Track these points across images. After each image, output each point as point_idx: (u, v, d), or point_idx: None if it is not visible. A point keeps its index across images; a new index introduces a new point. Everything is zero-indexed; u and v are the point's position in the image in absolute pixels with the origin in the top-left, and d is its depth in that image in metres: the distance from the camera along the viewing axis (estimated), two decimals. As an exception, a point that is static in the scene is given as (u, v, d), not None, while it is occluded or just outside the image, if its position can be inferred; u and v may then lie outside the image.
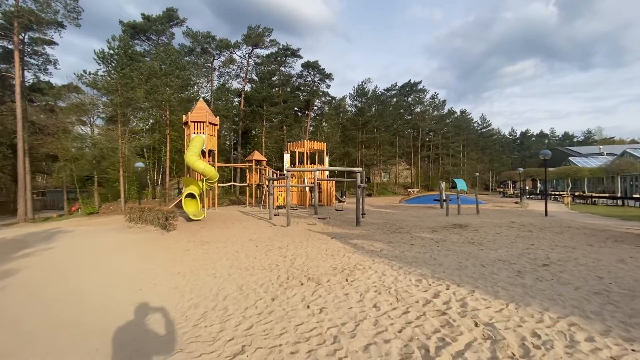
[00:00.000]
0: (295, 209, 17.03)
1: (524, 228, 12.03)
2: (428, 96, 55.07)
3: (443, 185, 22.75)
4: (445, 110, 57.73)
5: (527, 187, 43.88)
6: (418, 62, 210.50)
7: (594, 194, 26.36)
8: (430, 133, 58.17)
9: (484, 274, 5.95)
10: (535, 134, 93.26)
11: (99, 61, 21.18)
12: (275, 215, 15.54)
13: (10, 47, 22.12)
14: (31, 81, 26.25)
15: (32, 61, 26.18)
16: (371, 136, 43.27)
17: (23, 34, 24.35)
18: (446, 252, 7.87)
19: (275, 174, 20.46)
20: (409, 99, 55.15)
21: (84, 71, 20.52)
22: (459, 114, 62.34)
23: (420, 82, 54.43)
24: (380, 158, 45.51)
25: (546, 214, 16.51)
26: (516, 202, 24.71)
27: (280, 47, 41.32)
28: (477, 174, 29.44)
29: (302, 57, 42.98)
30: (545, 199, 17.10)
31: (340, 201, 25.96)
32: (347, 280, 5.53)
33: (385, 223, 13.74)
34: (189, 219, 15.51)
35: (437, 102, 55.86)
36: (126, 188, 25.06)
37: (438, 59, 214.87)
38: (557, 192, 31.85)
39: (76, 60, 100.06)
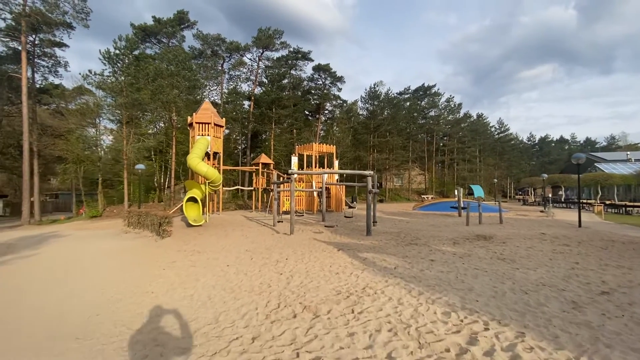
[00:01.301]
0: (302, 215, 15.92)
1: (559, 241, 10.51)
2: (443, 99, 53.41)
3: (461, 191, 21.23)
4: (461, 114, 55.79)
5: (549, 195, 41.55)
6: (432, 67, 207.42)
7: (627, 203, 24.24)
8: (445, 137, 56.30)
9: (530, 304, 4.64)
10: (555, 139, 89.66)
11: (104, 61, 20.77)
12: (279, 222, 14.43)
13: (19, 48, 21.93)
14: (42, 83, 26.15)
15: (42, 63, 26.16)
16: (383, 140, 41.92)
17: (33, 36, 24.35)
18: (474, 271, 6.55)
19: (281, 178, 19.46)
20: (423, 102, 53.57)
21: (89, 71, 20.14)
22: (475, 117, 60.20)
23: (434, 86, 52.91)
24: (393, 163, 44.05)
25: (579, 225, 14.83)
26: (541, 211, 22.89)
27: (291, 50, 40.69)
28: (496, 180, 27.68)
29: (313, 60, 42.21)
30: (578, 208, 15.43)
31: (350, 207, 24.68)
32: (352, 312, 4.32)
33: (399, 233, 12.43)
34: (190, 224, 14.59)
35: (452, 106, 54.09)
36: (131, 191, 24.54)
37: (452, 64, 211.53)
38: (585, 201, 29.68)
39: (96, 66, 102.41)
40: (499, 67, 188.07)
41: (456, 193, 28.29)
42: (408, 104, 49.85)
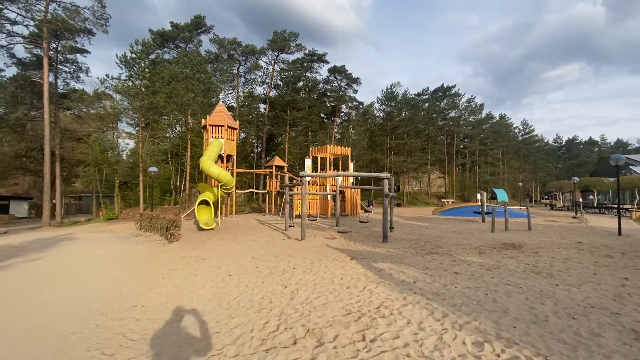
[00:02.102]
0: (315, 219, 15.30)
1: (599, 252, 9.39)
2: (463, 100, 51.54)
3: (484, 195, 20.02)
4: (483, 115, 53.70)
5: (580, 199, 39.14)
6: (451, 69, 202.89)
7: (670, 209, 22.19)
8: (466, 139, 54.34)
9: (580, 334, 3.81)
10: (583, 141, 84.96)
11: (121, 65, 21.04)
12: (290, 226, 13.88)
13: (42, 54, 22.56)
14: (64, 89, 26.87)
15: (64, 69, 26.93)
16: (401, 142, 40.76)
17: (56, 43, 25.10)
18: (506, 287, 5.72)
19: (294, 181, 18.96)
20: (442, 103, 51.94)
21: (107, 75, 20.42)
22: (497, 118, 57.85)
23: (454, 86, 51.19)
24: (411, 165, 42.70)
25: (619, 233, 13.44)
26: (573, 217, 21.27)
27: (307, 52, 40.40)
28: (521, 183, 26.07)
29: (328, 62, 41.72)
30: (618, 214, 14.02)
31: (366, 211, 23.86)
32: (364, 339, 3.64)
33: (418, 240, 11.57)
34: (201, 228, 14.27)
35: (473, 107, 52.13)
36: (147, 194, 24.69)
37: (473, 64, 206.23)
38: (621, 206, 27.50)
39: (118, 72, 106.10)
40: (522, 67, 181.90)
41: (478, 197, 26.92)
42: (427, 105, 48.41)
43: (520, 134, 64.14)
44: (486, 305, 4.75)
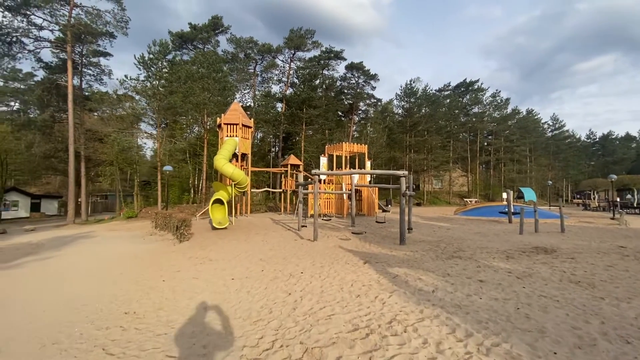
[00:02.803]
0: (329, 219, 14.78)
1: (647, 258, 8.32)
2: (487, 95, 49.27)
3: (511, 194, 18.78)
4: (509, 110, 51.15)
5: (617, 199, 36.46)
6: (475, 64, 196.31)
7: None
8: (490, 136, 52.01)
9: (641, 365, 3.08)
10: (619, 136, 79.37)
11: (139, 66, 21.35)
12: (303, 226, 13.42)
13: (65, 57, 23.29)
14: (88, 91, 27.72)
15: (89, 72, 27.78)
16: (421, 139, 39.45)
17: (80, 46, 25.90)
18: (541, 299, 4.97)
19: (309, 179, 18.47)
20: (465, 99, 49.93)
21: (125, 76, 20.76)
22: (524, 113, 54.94)
23: (477, 81, 49.04)
24: (432, 163, 41.26)
25: (668, 236, 12.08)
26: (612, 218, 19.60)
27: (323, 49, 39.88)
28: (550, 182, 24.40)
29: (345, 59, 41.06)
30: (665, 216, 12.63)
31: (384, 210, 23.07)
32: (371, 364, 3.09)
33: (439, 242, 10.80)
34: (214, 227, 14.10)
35: (498, 102, 49.73)
36: (164, 193, 25.01)
37: (497, 59, 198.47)
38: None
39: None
40: (550, 60, 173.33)
41: (504, 196, 25.48)
42: (448, 100, 46.69)
43: (549, 130, 60.76)
44: (518, 323, 4.06)
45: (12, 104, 37.91)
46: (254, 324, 4.01)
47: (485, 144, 51.74)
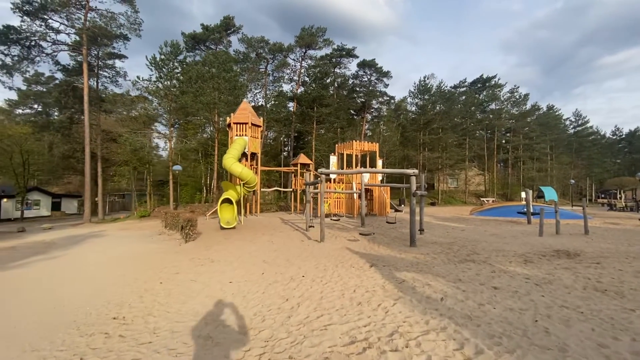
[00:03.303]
0: (338, 219, 14.44)
1: (683, 263, 7.60)
2: (505, 91, 47.59)
3: (530, 194, 17.90)
4: (528, 106, 49.25)
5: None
6: (493, 60, 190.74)
7: None
8: (508, 134, 50.25)
9: (684, 395, 2.62)
10: (649, 132, 75.09)
11: (151, 67, 21.58)
12: (310, 226, 13.12)
13: (82, 60, 23.81)
14: (104, 93, 28.32)
15: (105, 74, 28.38)
16: (435, 137, 38.44)
17: (97, 49, 26.47)
18: (562, 310, 4.49)
19: (319, 178, 18.18)
20: (481, 95, 48.41)
21: (138, 77, 21.01)
22: (545, 109, 52.80)
23: (494, 77, 47.46)
24: (447, 162, 40.16)
25: None
26: (640, 219, 18.37)
27: (335, 47, 39.47)
28: (573, 180, 23.19)
29: (357, 57, 40.51)
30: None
31: (397, 210, 22.50)
32: (363, 386, 2.75)
33: (452, 244, 10.28)
34: (223, 227, 14.02)
35: (517, 97, 47.96)
36: (177, 192, 25.27)
37: (517, 54, 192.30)
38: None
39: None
40: (573, 54, 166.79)
41: (523, 195, 24.44)
42: (464, 97, 45.36)
43: (571, 126, 58.26)
44: (536, 338, 3.62)
45: (35, 106, 39.41)
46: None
47: (503, 141, 50.05)
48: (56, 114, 31.81)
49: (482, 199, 38.79)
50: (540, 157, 49.58)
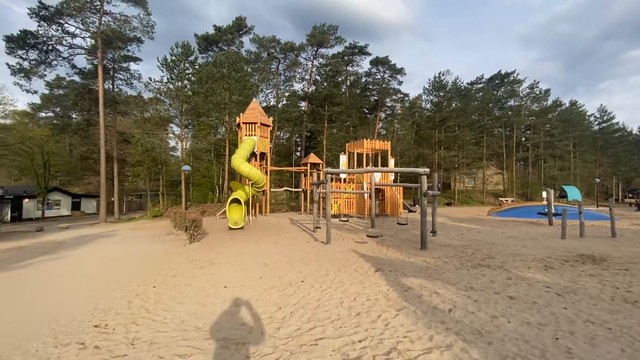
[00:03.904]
0: (347, 220, 14.04)
1: None
2: (524, 86, 45.74)
3: (551, 193, 16.94)
4: (549, 102, 47.19)
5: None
6: (512, 55, 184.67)
7: None
8: (528, 131, 48.30)
9: None
10: (681, 128, 70.62)
11: (162, 68, 21.78)
12: (317, 227, 12.77)
13: (97, 63, 24.31)
14: (119, 95, 28.89)
15: (120, 76, 28.94)
16: (451, 135, 37.29)
17: (112, 52, 27.01)
18: (587, 325, 3.96)
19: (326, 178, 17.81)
20: (499, 92, 46.71)
21: (150, 79, 21.24)
22: (567, 105, 50.45)
23: (513, 72, 45.70)
24: (463, 161, 38.93)
25: None
26: (674, 220, 17.09)
27: (347, 45, 38.98)
28: (598, 179, 21.87)
29: (370, 54, 39.86)
30: None
31: (410, 211, 21.87)
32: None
33: (466, 247, 9.70)
34: (231, 227, 13.90)
35: (537, 93, 46.01)
36: (189, 192, 25.45)
37: (537, 49, 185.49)
38: None
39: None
40: (597, 48, 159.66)
41: (544, 195, 23.31)
42: (481, 94, 43.89)
43: (596, 123, 55.49)
44: (556, 361, 3.14)
45: (57, 109, 40.74)
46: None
47: (523, 139, 48.14)
48: (74, 116, 32.75)
49: (500, 198, 37.41)
50: (562, 155, 47.44)
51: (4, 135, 32.60)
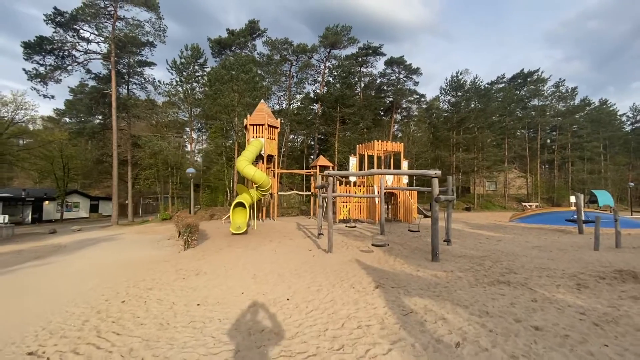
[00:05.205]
0: (354, 226, 13.17)
1: None
2: (549, 85, 43.29)
3: (581, 198, 15.44)
4: (577, 101, 44.47)
5: None
6: (536, 54, 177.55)
7: None
8: (553, 132, 45.69)
9: None
10: None
11: (171, 70, 21.73)
12: (320, 234, 11.99)
13: (110, 68, 24.61)
14: (131, 99, 29.22)
15: (134, 81, 29.32)
16: (470, 136, 35.62)
17: (128, 57, 27.38)
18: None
19: (337, 181, 17.01)
20: (522, 91, 44.43)
21: (159, 82, 21.23)
22: (597, 104, 47.38)
23: (537, 71, 43.35)
24: (483, 163, 37.07)
25: None
26: None
27: (361, 46, 38.18)
28: (632, 183, 20.03)
29: (384, 55, 38.84)
30: None
31: (425, 216, 20.72)
32: None
33: (484, 258, 8.65)
34: (233, 232, 13.38)
35: (563, 92, 43.45)
36: (200, 195, 25.22)
37: (564, 47, 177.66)
38: None
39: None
40: (630, 44, 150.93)
41: (573, 200, 21.62)
42: (502, 94, 41.87)
43: (628, 123, 51.90)
44: None
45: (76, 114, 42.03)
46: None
47: (548, 140, 45.61)
48: (95, 120, 33.54)
49: (523, 203, 35.31)
50: (592, 158, 44.50)
51: (27, 141, 33.83)
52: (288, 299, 5.24)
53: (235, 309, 4.79)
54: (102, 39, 22.80)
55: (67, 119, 38.44)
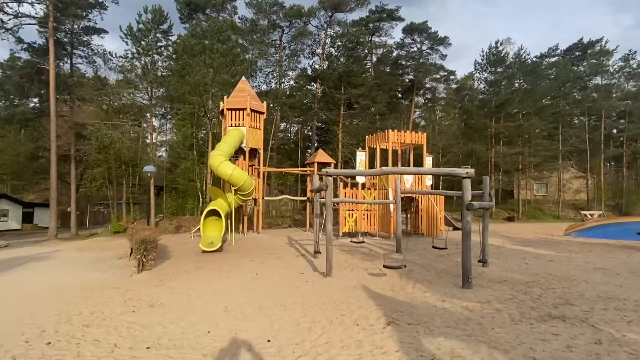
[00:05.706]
0: (362, 242, 13.03)
1: None
2: (616, 58, 43.30)
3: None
4: (653, 79, 44.58)
5: None
6: (599, 21, 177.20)
7: None
8: (622, 120, 45.75)
9: None
10: None
11: (126, 39, 21.66)
12: (317, 252, 11.85)
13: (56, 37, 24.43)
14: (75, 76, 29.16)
15: (79, 53, 29.29)
16: (513, 125, 35.57)
17: (71, 23, 27.35)
18: None
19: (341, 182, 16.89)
20: (580, 67, 44.52)
21: (110, 54, 21.16)
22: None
23: (600, 40, 43.43)
24: (530, 160, 37.08)
25: None
26: None
27: (372, 9, 38.29)
28: None
29: (403, 20, 38.97)
30: None
31: (456, 228, 20.60)
32: None
33: (531, 284, 8.50)
34: (204, 250, 13.28)
35: (634, 68, 43.47)
36: (164, 201, 25.08)
37: (635, 9, 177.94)
38: None
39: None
40: None
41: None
42: (554, 70, 41.91)
43: None
44: None
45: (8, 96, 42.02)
46: None
47: (614, 130, 45.59)
48: (30, 104, 33.47)
49: (583, 212, 35.29)
50: (672, 153, 44.64)
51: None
52: (269, 341, 5.07)
53: (196, 355, 4.62)
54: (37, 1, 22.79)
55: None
